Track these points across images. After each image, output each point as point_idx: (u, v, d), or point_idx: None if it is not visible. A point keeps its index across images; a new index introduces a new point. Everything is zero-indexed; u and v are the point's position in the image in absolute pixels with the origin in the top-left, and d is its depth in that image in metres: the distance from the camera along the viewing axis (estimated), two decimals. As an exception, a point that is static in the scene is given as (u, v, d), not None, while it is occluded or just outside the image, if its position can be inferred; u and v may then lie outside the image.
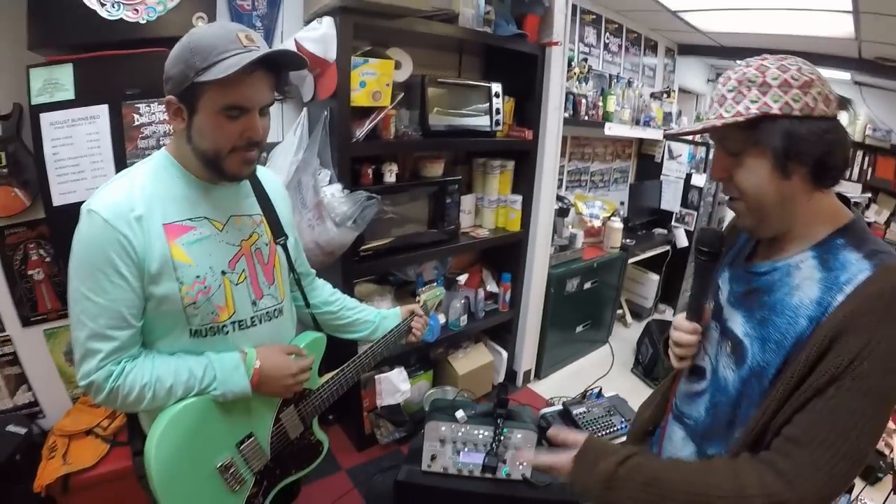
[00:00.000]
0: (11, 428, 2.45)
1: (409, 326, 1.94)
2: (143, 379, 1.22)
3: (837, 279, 0.99)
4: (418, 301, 2.07)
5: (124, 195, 1.20)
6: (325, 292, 1.87)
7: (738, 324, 1.16)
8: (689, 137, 4.27)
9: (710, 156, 1.05)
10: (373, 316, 1.91)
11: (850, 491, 2.68)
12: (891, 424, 3.44)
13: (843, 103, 1.12)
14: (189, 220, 1.28)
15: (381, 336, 1.85)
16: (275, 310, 1.49)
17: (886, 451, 3.27)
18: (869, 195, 5.66)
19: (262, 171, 1.53)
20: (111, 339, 1.20)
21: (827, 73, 4.54)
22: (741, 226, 1.17)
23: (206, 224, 1.31)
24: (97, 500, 2.34)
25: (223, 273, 1.33)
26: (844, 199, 1.13)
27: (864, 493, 2.72)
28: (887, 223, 5.57)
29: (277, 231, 1.52)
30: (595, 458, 1.16)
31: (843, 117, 5.71)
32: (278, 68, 1.27)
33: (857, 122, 5.57)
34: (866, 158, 5.65)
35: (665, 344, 1.38)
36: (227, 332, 1.37)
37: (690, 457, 1.27)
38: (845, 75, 5.25)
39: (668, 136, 1.16)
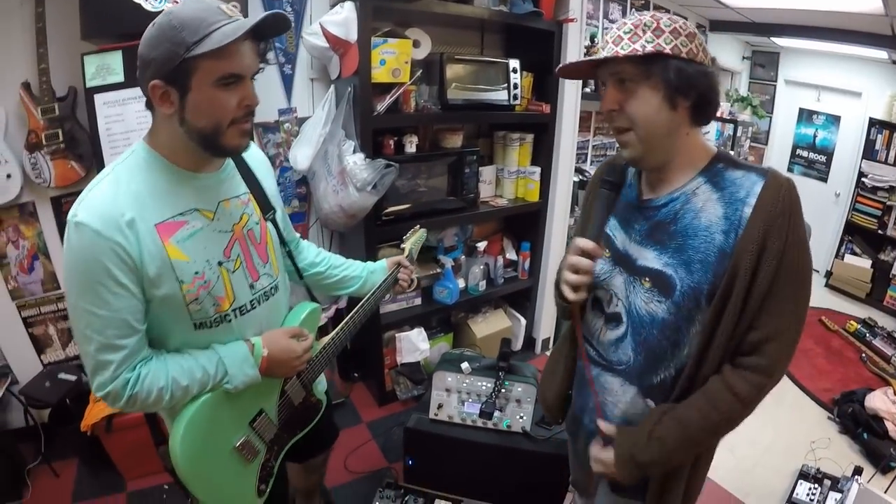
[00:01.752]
0: (63, 376, 2.70)
1: (396, 278, 1.94)
2: (160, 382, 1.21)
3: (736, 195, 1.15)
4: (403, 249, 2.05)
5: (111, 200, 1.13)
6: (310, 254, 1.86)
7: (651, 259, 1.24)
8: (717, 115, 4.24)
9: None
10: (360, 271, 1.91)
11: (858, 474, 2.71)
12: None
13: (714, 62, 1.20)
14: (180, 214, 1.23)
15: (370, 290, 1.85)
16: (271, 287, 1.49)
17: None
18: None
19: None
20: (121, 347, 1.17)
21: (863, 51, 4.49)
22: (628, 157, 1.23)
23: (196, 216, 1.26)
24: (136, 439, 2.55)
25: (220, 263, 1.30)
26: None
27: (874, 481, 2.76)
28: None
29: (265, 206, 1.49)
30: (628, 433, 1.31)
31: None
32: (263, 35, 1.22)
33: (894, 103, 5.43)
34: None
35: (557, 284, 1.38)
36: (230, 321, 1.36)
37: (635, 398, 1.34)
38: (882, 54, 5.09)
39: (562, 72, 1.17)
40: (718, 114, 4.12)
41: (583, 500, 1.97)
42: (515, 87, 3.17)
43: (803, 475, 2.89)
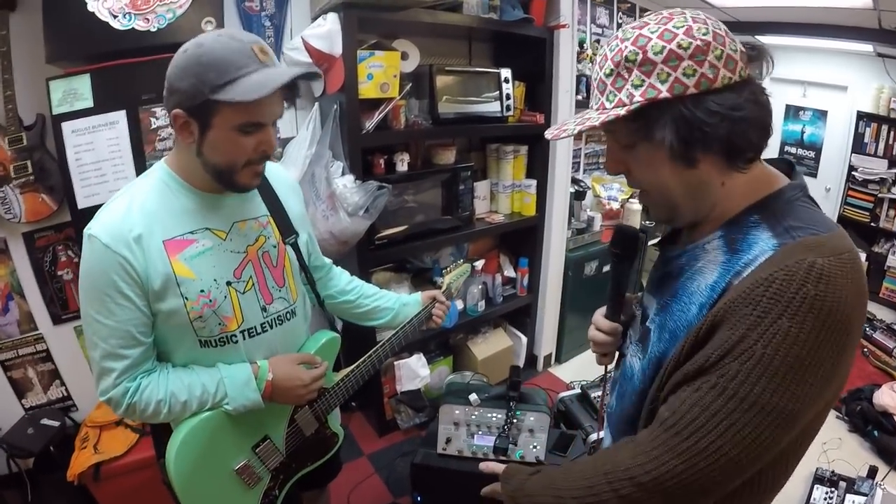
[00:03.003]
0: (45, 421, 2.56)
1: (430, 313, 1.90)
2: (159, 395, 1.26)
3: (739, 261, 0.86)
4: (440, 286, 1.99)
5: (122, 216, 1.19)
6: (342, 281, 1.85)
7: (651, 310, 1.08)
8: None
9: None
10: (392, 303, 1.88)
11: (872, 475, 2.68)
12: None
13: (756, 55, 0.87)
14: (190, 233, 1.27)
15: (400, 323, 1.82)
16: (287, 312, 1.48)
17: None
18: (895, 171, 5.53)
19: (270, 167, 1.46)
20: (124, 357, 1.23)
21: (848, 45, 4.45)
22: (659, 220, 1.08)
23: (207, 235, 1.30)
24: (127, 487, 2.43)
25: (228, 283, 1.32)
26: (787, 163, 1.00)
27: (889, 478, 2.71)
28: (914, 203, 5.43)
29: (287, 230, 1.49)
30: (511, 475, 1.17)
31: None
32: (293, 84, 1.21)
33: (881, 95, 5.45)
34: (891, 133, 5.40)
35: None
36: (237, 342, 1.37)
37: (609, 446, 1.19)
38: (868, 47, 5.10)
39: (550, 139, 1.04)
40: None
41: None
42: (508, 97, 3.07)
43: (818, 479, 2.85)
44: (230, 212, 1.36)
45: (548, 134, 0.98)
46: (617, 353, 1.29)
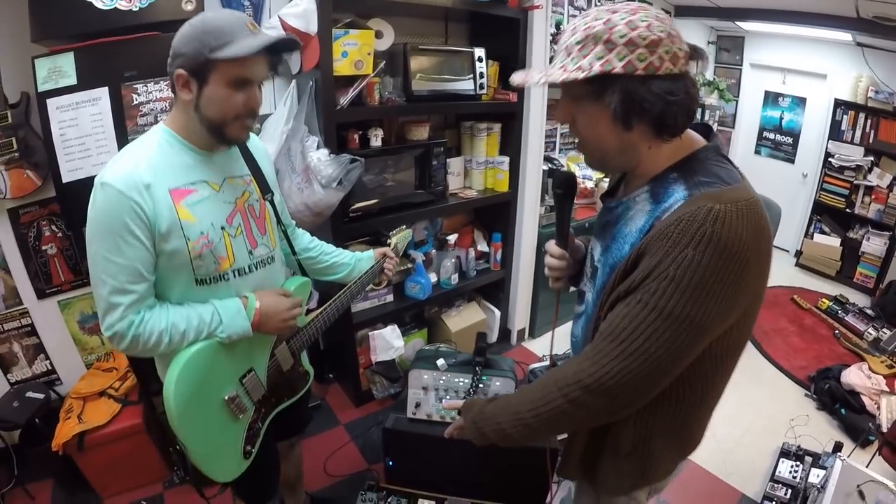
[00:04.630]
0: (31, 394, 2.63)
1: (382, 267, 2.14)
2: (160, 325, 1.38)
3: (659, 208, 1.07)
4: (389, 244, 2.26)
5: (132, 167, 1.33)
6: (304, 240, 2.04)
7: (597, 252, 1.31)
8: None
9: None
10: (348, 258, 2.10)
11: (838, 450, 2.78)
12: (883, 386, 3.52)
13: (696, 54, 1.11)
14: (191, 183, 1.43)
15: (357, 276, 2.03)
16: (268, 257, 1.67)
17: (876, 414, 3.33)
18: (871, 159, 5.52)
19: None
20: (131, 292, 1.35)
21: (828, 33, 4.50)
22: (590, 166, 1.29)
23: (205, 186, 1.47)
24: (110, 455, 2.51)
25: (222, 228, 1.49)
26: (706, 127, 1.21)
27: (854, 455, 2.79)
28: (890, 187, 5.46)
29: (265, 188, 1.68)
30: (470, 406, 1.42)
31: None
32: (276, 51, 1.44)
33: (859, 84, 5.53)
34: (868, 121, 5.47)
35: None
36: (228, 279, 1.53)
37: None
38: (846, 36, 5.14)
39: (515, 85, 1.21)
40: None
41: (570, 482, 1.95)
42: (482, 76, 3.13)
43: (784, 453, 2.94)
44: (221, 168, 1.54)
45: (515, 78, 1.17)
46: (578, 292, 1.47)
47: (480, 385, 2.34)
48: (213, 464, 1.53)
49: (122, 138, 2.24)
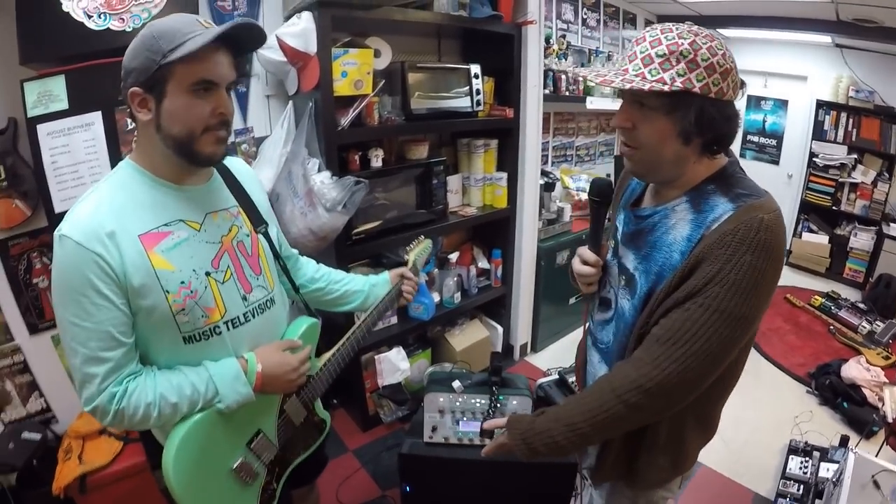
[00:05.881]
0: (26, 435, 2.48)
1: (400, 290, 1.93)
2: (147, 398, 1.21)
3: (706, 219, 1.15)
4: (406, 261, 2.03)
5: (91, 213, 1.17)
6: (310, 269, 1.85)
7: (629, 260, 1.33)
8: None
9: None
10: (361, 285, 1.89)
11: (845, 444, 2.80)
12: (883, 378, 3.55)
13: (742, 86, 1.26)
14: (164, 225, 1.26)
15: (372, 305, 1.84)
16: (266, 300, 1.47)
17: (879, 405, 3.36)
18: (854, 156, 5.66)
19: (231, 161, 1.52)
20: (105, 360, 1.18)
21: (807, 37, 4.59)
22: (632, 172, 1.33)
23: (181, 226, 1.29)
24: (114, 496, 2.39)
25: (207, 274, 1.31)
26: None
27: (860, 447, 2.77)
28: (874, 183, 5.57)
29: (256, 220, 1.49)
30: (517, 422, 1.37)
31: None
32: (239, 47, 1.27)
33: (839, 84, 5.61)
34: (850, 120, 5.63)
35: (571, 274, 1.54)
36: (221, 333, 1.35)
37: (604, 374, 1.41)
38: (826, 38, 5.29)
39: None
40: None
41: (596, 490, 1.92)
42: (478, 92, 3.11)
43: (793, 450, 2.97)
44: (201, 203, 1.35)
45: (593, 77, 1.21)
46: (598, 300, 1.51)
47: (498, 405, 2.29)
48: None
49: (117, 165, 2.17)
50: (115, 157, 2.17)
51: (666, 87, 1.07)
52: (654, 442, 1.36)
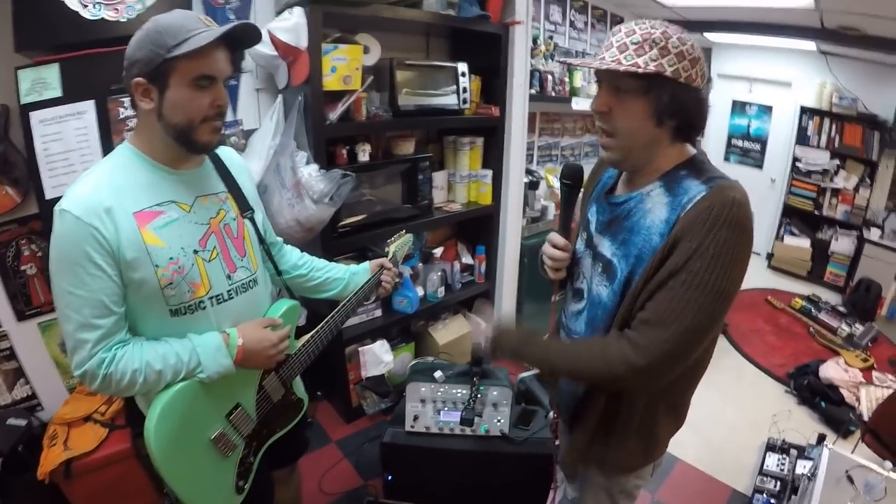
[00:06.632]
0: (12, 421, 2.49)
1: (379, 280, 1.99)
2: (134, 364, 1.28)
3: (681, 200, 1.20)
4: (387, 253, 2.10)
5: (92, 190, 1.25)
6: (293, 256, 1.92)
7: (605, 247, 1.38)
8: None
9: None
10: (342, 273, 1.96)
11: (822, 441, 2.85)
12: (860, 377, 3.66)
13: (710, 80, 1.35)
14: (157, 205, 1.33)
15: (352, 292, 1.89)
16: (249, 281, 1.55)
17: (856, 405, 3.45)
18: (837, 162, 5.75)
19: (222, 150, 1.62)
20: (97, 327, 1.25)
21: (792, 43, 4.65)
22: (607, 159, 1.39)
23: (173, 207, 1.36)
24: (99, 482, 2.39)
25: (195, 252, 1.38)
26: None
27: (837, 445, 2.85)
28: (856, 189, 5.65)
29: (243, 205, 1.57)
30: (505, 337, 1.50)
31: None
32: (236, 45, 1.36)
33: (823, 91, 5.69)
34: (833, 126, 5.72)
35: (541, 262, 1.61)
36: (206, 308, 1.42)
37: (596, 337, 1.46)
38: (810, 45, 5.33)
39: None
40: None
41: (570, 484, 1.97)
42: (465, 90, 3.16)
43: (770, 447, 3.04)
44: (192, 187, 1.44)
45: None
46: (571, 292, 1.57)
47: (479, 395, 2.33)
48: (204, 503, 1.46)
49: (109, 153, 2.18)
50: (106, 146, 2.19)
51: (640, 70, 1.15)
52: (627, 426, 1.42)
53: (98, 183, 1.27)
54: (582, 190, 1.60)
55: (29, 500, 2.50)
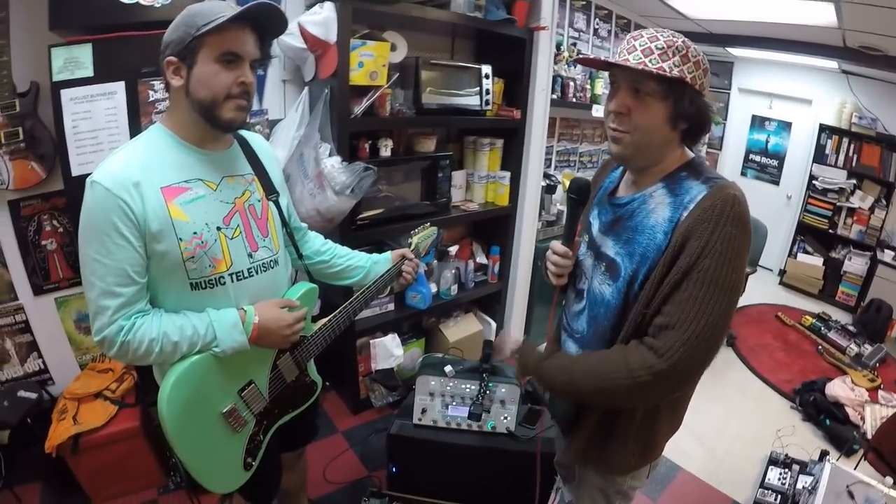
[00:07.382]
0: (22, 393, 2.53)
1: (400, 270, 2.01)
2: (152, 334, 1.32)
3: (683, 200, 1.27)
4: (409, 244, 2.10)
5: (122, 165, 1.30)
6: (316, 242, 1.96)
7: (609, 247, 1.43)
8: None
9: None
10: (364, 261, 1.99)
11: (824, 458, 2.82)
12: (866, 396, 3.65)
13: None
14: (185, 181, 1.38)
15: (372, 280, 1.91)
16: (270, 261, 1.58)
17: (860, 423, 3.44)
18: (854, 182, 5.73)
19: (250, 135, 1.67)
20: (119, 295, 1.30)
21: (814, 61, 4.68)
22: (620, 155, 1.38)
23: (200, 185, 1.41)
24: (105, 459, 2.43)
25: (219, 228, 1.43)
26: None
27: (839, 462, 2.86)
28: (871, 209, 5.62)
29: (269, 188, 1.62)
30: (526, 355, 1.54)
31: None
32: (263, 32, 1.41)
33: (843, 110, 5.67)
34: (851, 146, 5.70)
35: (545, 267, 1.64)
36: (225, 284, 1.46)
37: (615, 348, 1.46)
38: (833, 64, 5.32)
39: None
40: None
41: (567, 486, 2.01)
42: (487, 92, 3.18)
43: (773, 461, 3.04)
44: (220, 167, 1.49)
45: (605, 57, 1.42)
46: (574, 293, 1.61)
47: (487, 391, 2.36)
48: (211, 476, 1.49)
49: (136, 134, 2.16)
50: (134, 127, 2.22)
51: (667, 73, 1.21)
52: (627, 429, 1.46)
53: (129, 159, 1.33)
54: None
55: (33, 472, 2.57)
